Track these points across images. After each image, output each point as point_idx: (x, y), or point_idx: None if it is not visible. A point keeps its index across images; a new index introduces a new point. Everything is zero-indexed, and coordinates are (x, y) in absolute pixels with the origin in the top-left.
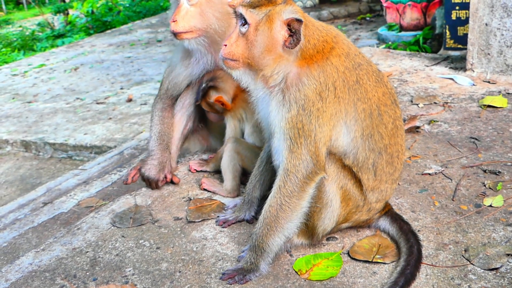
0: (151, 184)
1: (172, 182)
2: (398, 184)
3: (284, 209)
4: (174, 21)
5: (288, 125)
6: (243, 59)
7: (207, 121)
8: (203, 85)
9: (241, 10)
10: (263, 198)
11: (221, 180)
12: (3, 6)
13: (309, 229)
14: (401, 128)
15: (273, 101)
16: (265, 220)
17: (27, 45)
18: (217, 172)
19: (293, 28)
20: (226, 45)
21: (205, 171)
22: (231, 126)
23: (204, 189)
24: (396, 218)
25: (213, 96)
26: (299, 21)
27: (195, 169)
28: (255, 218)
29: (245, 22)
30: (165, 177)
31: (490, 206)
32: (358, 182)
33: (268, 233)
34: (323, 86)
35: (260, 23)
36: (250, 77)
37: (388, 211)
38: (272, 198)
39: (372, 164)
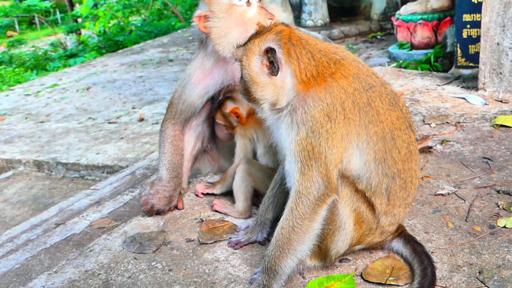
0: (158, 213)
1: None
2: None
3: (296, 231)
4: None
5: (298, 147)
6: (248, 95)
7: (217, 141)
8: (221, 97)
9: (233, 51)
10: (276, 220)
11: (233, 201)
12: (17, 26)
13: (322, 251)
14: (415, 153)
15: (282, 124)
16: (277, 242)
17: (40, 65)
18: (228, 193)
19: (270, 57)
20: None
21: (212, 194)
22: (241, 145)
23: (216, 211)
24: (409, 240)
25: (229, 107)
26: (272, 49)
27: (202, 193)
28: (267, 239)
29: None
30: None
31: (504, 227)
32: (371, 205)
33: (280, 255)
34: (331, 107)
35: (243, 58)
36: (260, 108)
37: (401, 233)
38: (284, 220)
39: (386, 189)
